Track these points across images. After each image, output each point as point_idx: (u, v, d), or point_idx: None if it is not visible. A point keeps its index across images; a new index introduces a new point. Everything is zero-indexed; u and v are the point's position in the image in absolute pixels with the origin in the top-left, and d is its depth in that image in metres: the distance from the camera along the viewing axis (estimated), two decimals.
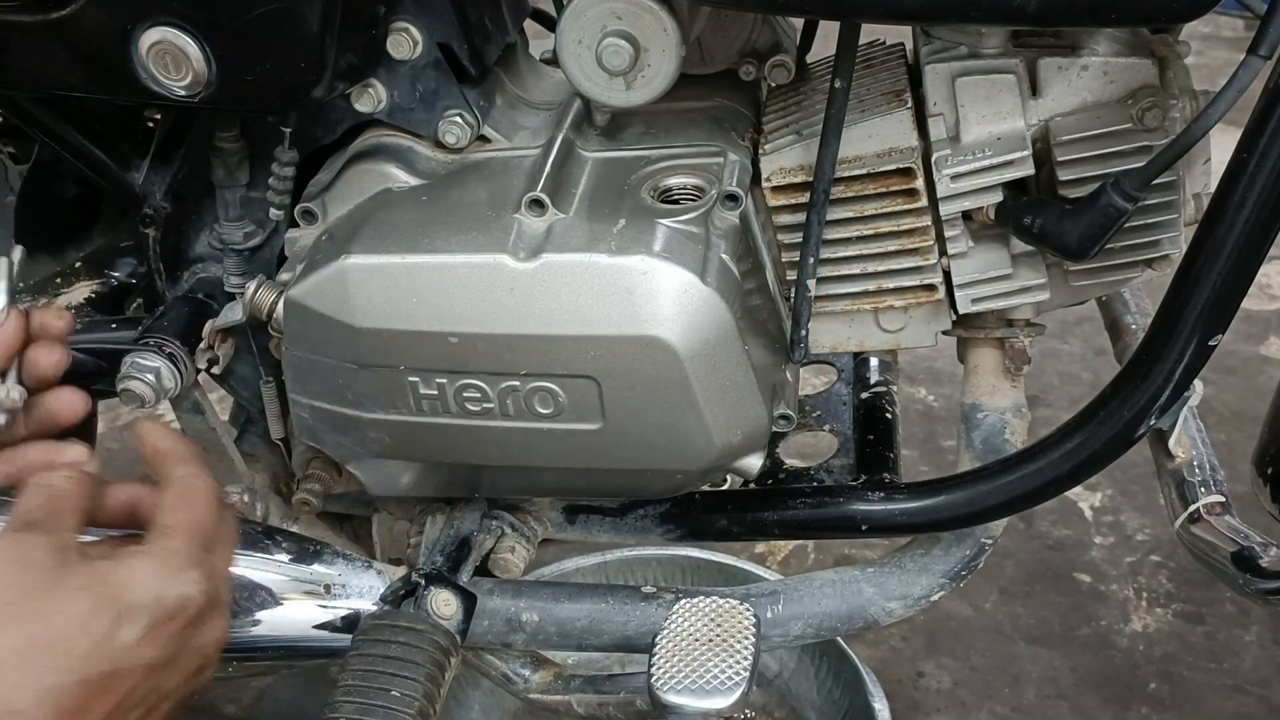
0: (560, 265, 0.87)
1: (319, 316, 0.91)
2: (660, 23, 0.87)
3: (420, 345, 0.89)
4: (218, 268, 1.06)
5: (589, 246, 0.87)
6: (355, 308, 0.89)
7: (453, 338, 0.88)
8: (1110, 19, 0.83)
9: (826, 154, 0.91)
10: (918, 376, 2.16)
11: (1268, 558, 0.97)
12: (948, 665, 1.68)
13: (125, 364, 0.99)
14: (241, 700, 1.61)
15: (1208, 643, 1.70)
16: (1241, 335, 2.23)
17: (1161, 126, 0.90)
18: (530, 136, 0.99)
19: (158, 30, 0.88)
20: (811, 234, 0.93)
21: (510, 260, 0.87)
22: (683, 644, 0.91)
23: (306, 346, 0.93)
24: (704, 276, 0.86)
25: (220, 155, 1.01)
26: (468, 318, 0.88)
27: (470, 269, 0.88)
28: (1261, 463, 1.11)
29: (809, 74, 1.03)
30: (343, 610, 1.04)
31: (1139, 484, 1.92)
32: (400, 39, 0.93)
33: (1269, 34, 0.78)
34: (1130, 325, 1.21)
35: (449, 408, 0.91)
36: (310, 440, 1.00)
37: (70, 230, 1.15)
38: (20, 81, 0.94)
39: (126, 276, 1.11)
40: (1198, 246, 0.85)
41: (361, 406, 0.94)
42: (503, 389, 0.90)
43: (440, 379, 0.91)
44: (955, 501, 0.98)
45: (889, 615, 1.06)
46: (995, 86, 0.91)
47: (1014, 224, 0.91)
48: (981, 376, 1.03)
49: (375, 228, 0.92)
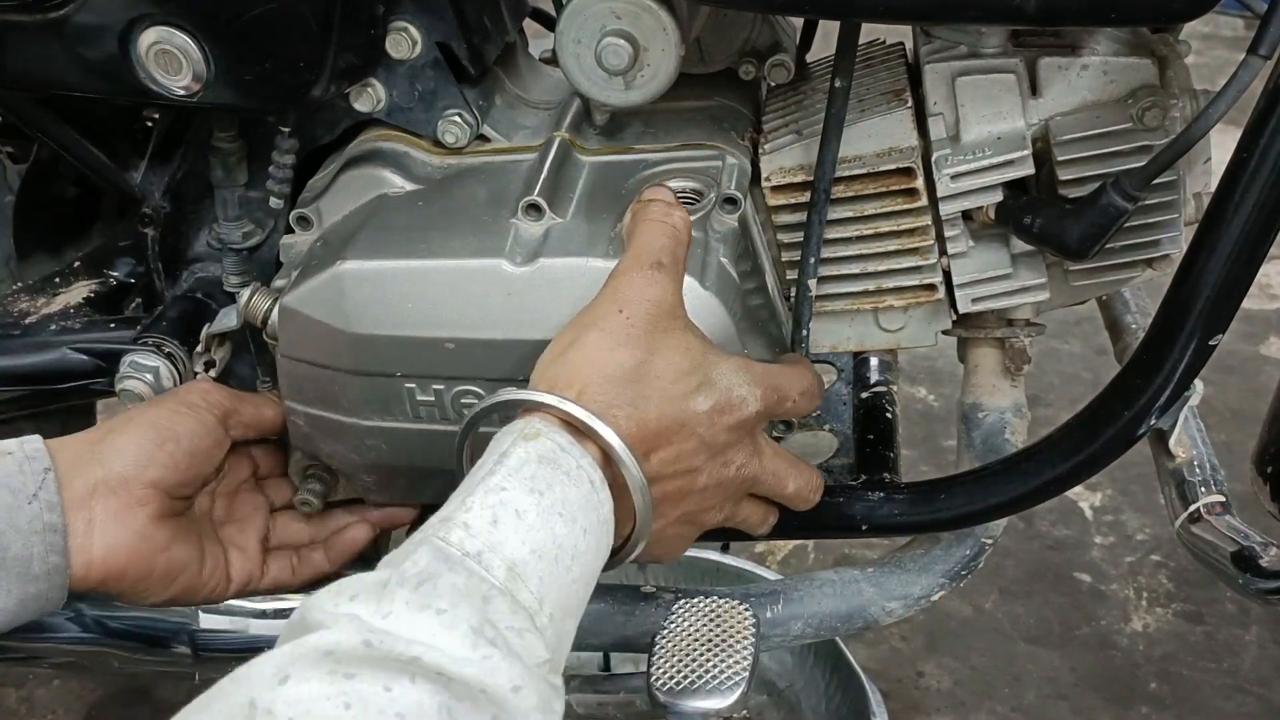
0: (557, 269, 0.87)
1: (314, 323, 0.90)
2: (659, 22, 0.87)
3: (417, 351, 0.89)
4: (216, 267, 1.06)
5: (586, 250, 0.87)
6: (351, 314, 0.89)
7: (449, 343, 0.88)
8: (1110, 19, 0.83)
9: (827, 154, 0.91)
10: (918, 376, 2.16)
11: (1268, 557, 0.97)
12: (948, 665, 1.68)
13: (124, 363, 0.99)
14: None
15: (1208, 642, 1.70)
16: (1241, 335, 2.23)
17: (1161, 126, 0.90)
18: (529, 136, 0.98)
19: (156, 30, 0.88)
20: (813, 234, 0.93)
21: (507, 265, 0.87)
22: (682, 644, 0.91)
23: (301, 353, 0.92)
24: (703, 280, 0.85)
25: (219, 155, 1.01)
26: (464, 323, 0.88)
27: (467, 274, 0.88)
28: (1261, 462, 1.11)
29: (809, 73, 1.03)
30: None
31: (1139, 484, 1.92)
32: (399, 38, 0.93)
33: (1269, 34, 0.77)
34: (1130, 325, 1.21)
35: (446, 414, 0.91)
36: (306, 447, 0.99)
37: (69, 230, 1.15)
38: (19, 81, 0.94)
39: (125, 276, 1.11)
40: (1198, 246, 0.85)
41: (357, 413, 0.93)
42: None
43: (437, 385, 0.90)
44: (955, 501, 0.98)
45: (889, 615, 1.06)
46: (995, 86, 0.91)
47: (1014, 224, 0.91)
48: (981, 376, 1.03)
49: (371, 233, 0.91)
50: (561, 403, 0.75)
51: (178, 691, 1.60)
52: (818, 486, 0.90)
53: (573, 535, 0.71)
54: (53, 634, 1.17)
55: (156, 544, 0.89)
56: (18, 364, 1.07)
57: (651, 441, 0.78)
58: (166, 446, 0.90)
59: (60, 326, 1.08)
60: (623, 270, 0.82)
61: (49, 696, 1.68)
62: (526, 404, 0.77)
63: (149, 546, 0.88)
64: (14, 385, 1.08)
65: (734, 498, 0.86)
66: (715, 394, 0.80)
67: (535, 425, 0.74)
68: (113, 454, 0.88)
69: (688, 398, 0.79)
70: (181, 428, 0.91)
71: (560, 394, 0.75)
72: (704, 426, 0.80)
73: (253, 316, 0.95)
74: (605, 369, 0.77)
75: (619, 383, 0.77)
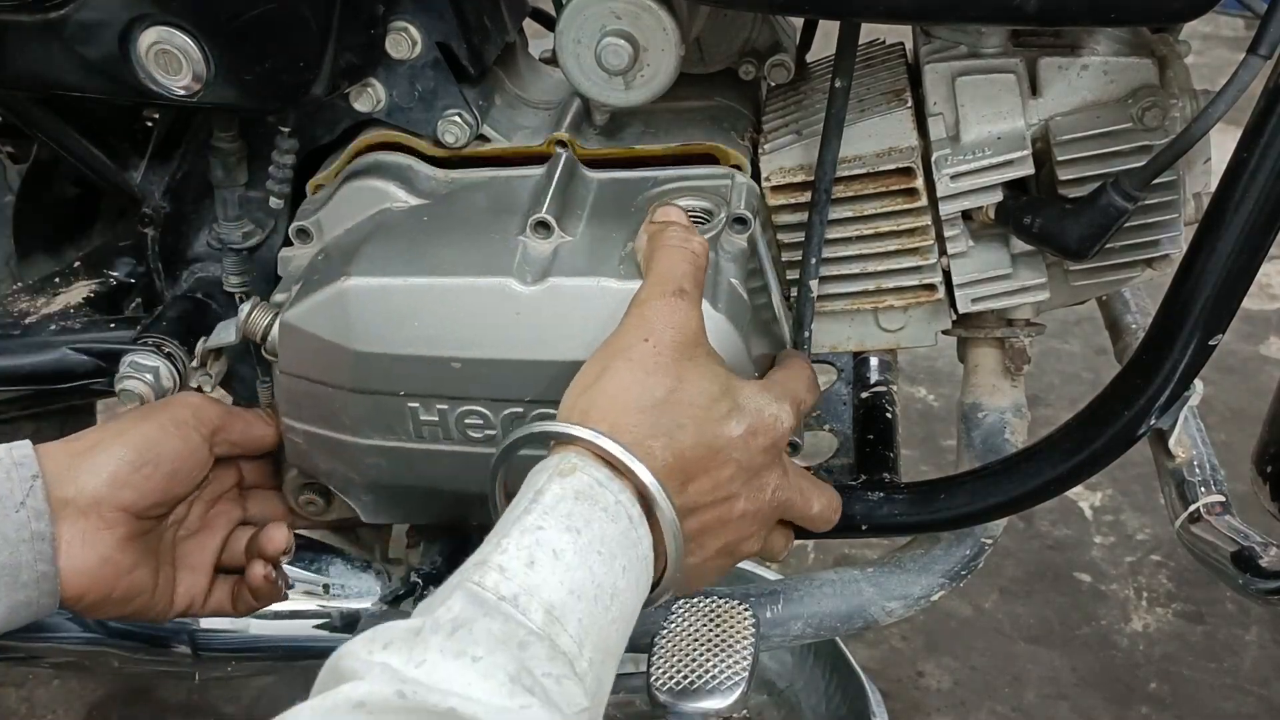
0: (567, 289, 0.85)
1: (316, 340, 0.89)
2: (659, 22, 0.87)
3: (421, 370, 0.87)
4: (216, 267, 1.06)
5: (597, 270, 0.86)
6: (354, 331, 0.87)
7: (455, 363, 0.86)
8: (1110, 18, 0.83)
9: (828, 154, 0.91)
10: (918, 376, 2.16)
11: (1268, 557, 0.97)
12: (948, 665, 1.68)
13: (124, 363, 0.99)
14: (241, 700, 1.61)
15: (1208, 642, 1.70)
16: (1241, 335, 2.23)
17: (1161, 126, 0.90)
18: (529, 136, 0.98)
19: (156, 30, 0.88)
20: (814, 234, 0.93)
21: (516, 284, 0.85)
22: (682, 644, 0.91)
23: (302, 370, 0.91)
24: (714, 302, 0.84)
25: (219, 155, 1.01)
26: (472, 342, 0.86)
27: (475, 292, 0.86)
28: (1261, 462, 1.10)
29: (809, 73, 1.03)
30: (343, 610, 1.04)
31: (1139, 483, 1.92)
32: (399, 38, 0.93)
33: (1269, 34, 0.77)
34: (1130, 325, 1.21)
35: (450, 434, 0.90)
36: (303, 465, 0.97)
37: (69, 230, 1.15)
38: (19, 81, 0.94)
39: (125, 276, 1.11)
40: (1198, 246, 0.85)
41: (358, 432, 0.91)
42: (506, 415, 0.88)
43: (441, 405, 0.89)
44: (955, 501, 0.98)
45: (889, 615, 1.06)
46: (995, 86, 0.91)
47: (1014, 224, 0.91)
48: (981, 376, 1.03)
49: (374, 248, 0.90)
50: (597, 437, 0.73)
51: (178, 691, 1.60)
52: (838, 506, 0.89)
53: (611, 573, 0.70)
54: (53, 634, 1.18)
55: (119, 568, 0.88)
56: (18, 364, 1.07)
57: (689, 470, 0.76)
58: (144, 469, 0.88)
59: (60, 326, 1.08)
60: (646, 298, 0.80)
61: (49, 696, 1.68)
62: (560, 437, 0.75)
63: (111, 571, 0.87)
64: (14, 385, 1.08)
65: (768, 524, 0.85)
66: (747, 417, 0.79)
67: (571, 460, 0.73)
68: (88, 472, 0.87)
69: (721, 423, 0.78)
70: (164, 448, 0.90)
71: (594, 426, 0.74)
72: (739, 451, 0.78)
73: (252, 332, 0.94)
74: (637, 399, 0.76)
75: (652, 412, 0.75)
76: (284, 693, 1.61)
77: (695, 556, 0.79)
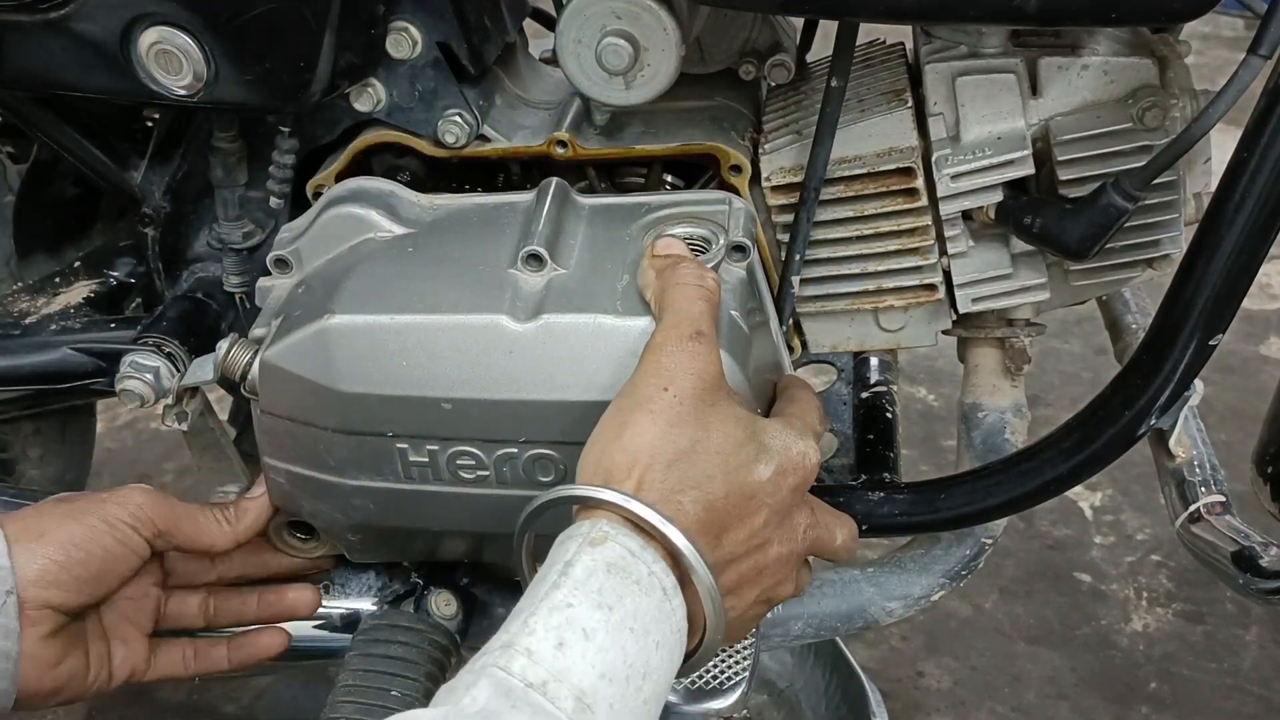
0: (562, 327, 0.82)
1: (298, 380, 0.85)
2: (660, 22, 0.87)
3: (410, 411, 0.84)
4: (216, 267, 1.06)
5: (592, 306, 0.83)
6: (338, 371, 0.84)
7: (446, 403, 0.83)
8: (1110, 19, 0.83)
9: (819, 152, 0.91)
10: (918, 376, 2.16)
11: (1268, 557, 0.97)
12: (948, 665, 1.67)
13: (124, 363, 0.99)
14: (241, 700, 1.61)
15: (1208, 642, 1.69)
16: (1241, 335, 2.23)
17: (1161, 126, 0.90)
18: (530, 136, 0.98)
19: (157, 30, 0.88)
20: (800, 230, 0.93)
21: (508, 321, 0.82)
22: None
23: (284, 411, 0.87)
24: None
25: (219, 155, 1.01)
26: (462, 382, 0.83)
27: (465, 331, 0.83)
28: (1261, 462, 1.11)
29: (809, 73, 1.03)
30: (343, 610, 1.04)
31: (1139, 483, 1.92)
32: (399, 38, 0.93)
33: (1269, 34, 0.77)
34: (1130, 325, 1.21)
35: (440, 475, 0.86)
36: (286, 505, 0.95)
37: (69, 230, 1.15)
38: (19, 81, 0.94)
39: (125, 276, 1.11)
40: (1198, 246, 0.85)
41: (344, 473, 0.88)
42: (499, 456, 0.85)
43: (431, 446, 0.85)
44: (955, 501, 0.98)
45: (889, 615, 1.06)
46: (995, 86, 0.91)
47: (1014, 224, 0.91)
48: (982, 376, 1.03)
49: (358, 284, 0.86)
50: (627, 501, 0.70)
51: (178, 691, 1.60)
52: (856, 534, 0.87)
53: (644, 651, 0.66)
54: None
55: (44, 664, 0.85)
56: (18, 364, 1.07)
57: (723, 522, 0.73)
58: (74, 570, 0.86)
59: (60, 326, 1.08)
60: (662, 342, 0.77)
61: None
62: (587, 501, 0.71)
63: (34, 668, 0.85)
64: (14, 385, 1.09)
65: (799, 565, 0.81)
66: (775, 457, 0.76)
67: (602, 528, 0.69)
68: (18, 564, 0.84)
69: (750, 468, 0.74)
70: (97, 548, 0.87)
71: (619, 486, 0.70)
72: (770, 494, 0.75)
73: (231, 370, 0.89)
74: (662, 453, 0.72)
75: (679, 465, 0.72)
76: (284, 693, 1.61)
77: (735, 611, 0.76)
